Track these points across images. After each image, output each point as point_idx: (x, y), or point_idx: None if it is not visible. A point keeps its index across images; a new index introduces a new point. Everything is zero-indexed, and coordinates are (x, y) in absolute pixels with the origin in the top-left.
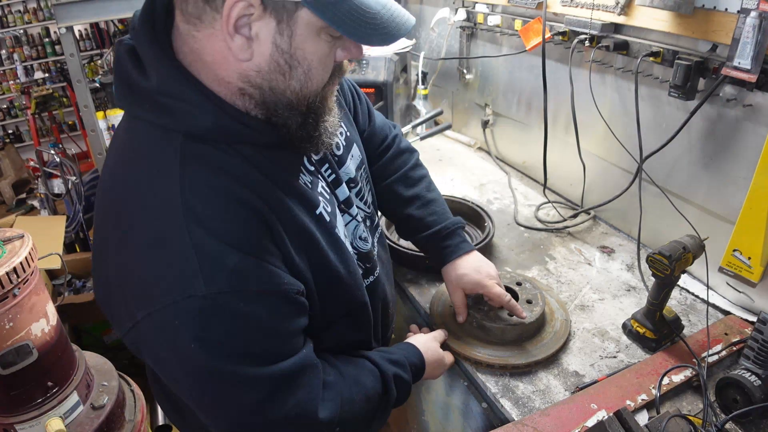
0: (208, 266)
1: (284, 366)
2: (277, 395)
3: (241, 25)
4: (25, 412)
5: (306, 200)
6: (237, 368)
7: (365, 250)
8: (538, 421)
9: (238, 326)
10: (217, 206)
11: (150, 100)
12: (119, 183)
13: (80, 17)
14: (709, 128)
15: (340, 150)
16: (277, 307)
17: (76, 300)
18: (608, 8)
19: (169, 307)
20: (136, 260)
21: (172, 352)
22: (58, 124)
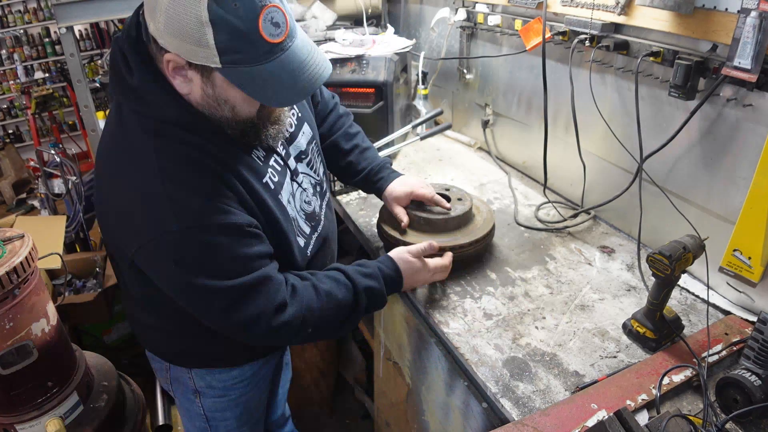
0: (178, 209)
1: (244, 279)
2: (240, 302)
3: (178, 71)
4: (25, 412)
5: (254, 171)
6: (206, 282)
7: (309, 211)
8: (538, 421)
9: (205, 252)
10: (181, 166)
11: (133, 93)
12: (111, 152)
13: (80, 17)
14: (709, 128)
15: (292, 128)
16: (235, 236)
17: (76, 300)
18: (608, 8)
19: (152, 241)
20: (125, 209)
21: (161, 273)
22: (59, 124)
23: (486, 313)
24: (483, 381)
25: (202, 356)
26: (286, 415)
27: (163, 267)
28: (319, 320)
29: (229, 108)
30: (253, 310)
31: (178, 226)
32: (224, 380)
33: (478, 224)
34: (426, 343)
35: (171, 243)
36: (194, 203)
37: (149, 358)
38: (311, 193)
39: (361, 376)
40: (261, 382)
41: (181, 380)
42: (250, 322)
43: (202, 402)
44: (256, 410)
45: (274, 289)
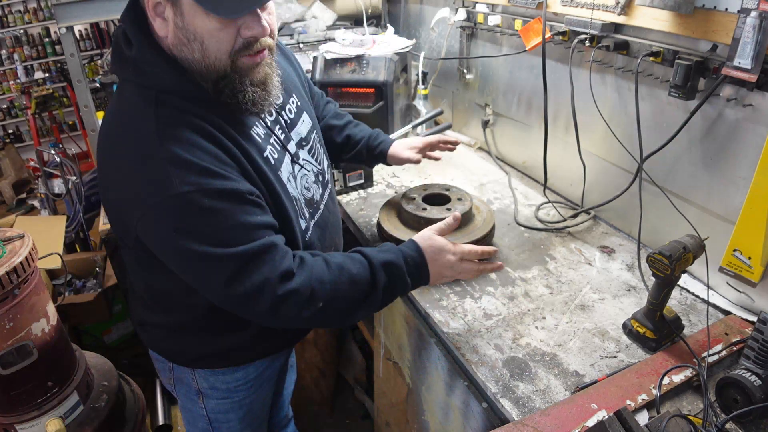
0: (178, 173)
1: (247, 247)
2: (243, 271)
3: (158, 11)
4: (25, 412)
5: (255, 144)
6: (207, 249)
7: (308, 197)
8: (538, 421)
9: (206, 217)
10: (182, 131)
11: (132, 65)
12: (115, 125)
13: (80, 17)
14: (709, 128)
15: (292, 114)
16: (235, 202)
17: (76, 300)
18: (608, 8)
19: (154, 207)
20: (128, 176)
21: (162, 240)
22: (59, 124)
23: (486, 313)
24: (483, 381)
25: (207, 354)
26: (289, 416)
27: (165, 235)
28: (332, 294)
29: (198, 45)
30: (256, 279)
31: (179, 190)
32: (228, 382)
33: (478, 224)
34: (426, 343)
35: (172, 208)
36: (194, 167)
37: (153, 359)
38: (312, 181)
39: (361, 376)
40: (265, 384)
41: (184, 381)
42: (254, 292)
43: (205, 403)
44: (260, 412)
45: (279, 256)
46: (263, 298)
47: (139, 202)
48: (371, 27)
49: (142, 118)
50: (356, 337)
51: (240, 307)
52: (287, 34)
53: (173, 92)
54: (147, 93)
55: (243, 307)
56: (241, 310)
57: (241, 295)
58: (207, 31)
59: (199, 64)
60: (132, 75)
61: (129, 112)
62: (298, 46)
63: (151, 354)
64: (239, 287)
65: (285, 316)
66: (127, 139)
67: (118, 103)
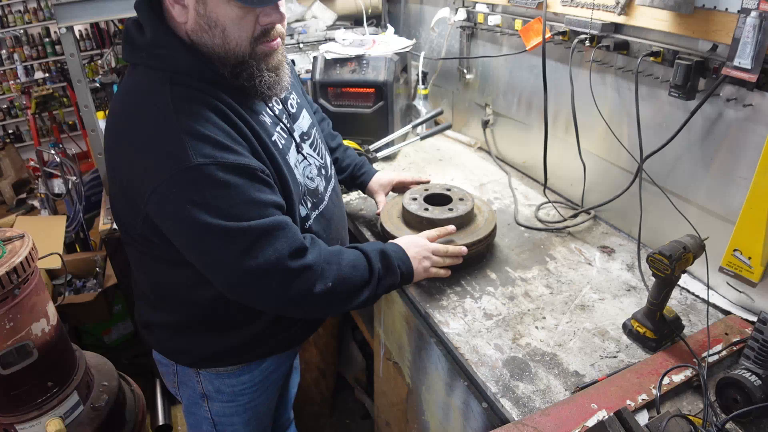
0: (194, 144)
1: (261, 222)
2: (257, 245)
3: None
4: (25, 412)
5: (264, 127)
6: (221, 222)
7: (312, 187)
8: (538, 421)
9: (220, 190)
10: (197, 107)
11: (146, 50)
12: (128, 104)
13: (80, 17)
14: (709, 128)
15: (294, 109)
16: (249, 178)
17: (76, 300)
18: (608, 8)
19: (167, 180)
20: (143, 149)
21: (175, 214)
22: (59, 124)
23: (486, 313)
24: (483, 381)
25: (213, 353)
26: (290, 418)
27: (179, 208)
28: (339, 276)
29: (220, 32)
30: (270, 253)
31: (194, 162)
32: (234, 385)
33: (479, 224)
34: (426, 343)
35: (186, 179)
36: (210, 141)
37: (157, 363)
38: (315, 173)
39: (361, 376)
40: (271, 387)
41: (189, 384)
42: (268, 267)
43: (210, 407)
44: (265, 416)
45: (292, 233)
46: (277, 273)
47: (153, 175)
48: (371, 27)
49: (157, 94)
50: (356, 337)
51: (250, 284)
52: (287, 34)
53: (187, 73)
54: (161, 74)
55: (254, 283)
56: (254, 288)
57: (254, 270)
58: (229, 19)
59: (219, 49)
60: (145, 59)
61: (143, 90)
62: (298, 46)
63: (156, 357)
64: (252, 261)
65: (298, 292)
66: (142, 114)
67: (129, 85)
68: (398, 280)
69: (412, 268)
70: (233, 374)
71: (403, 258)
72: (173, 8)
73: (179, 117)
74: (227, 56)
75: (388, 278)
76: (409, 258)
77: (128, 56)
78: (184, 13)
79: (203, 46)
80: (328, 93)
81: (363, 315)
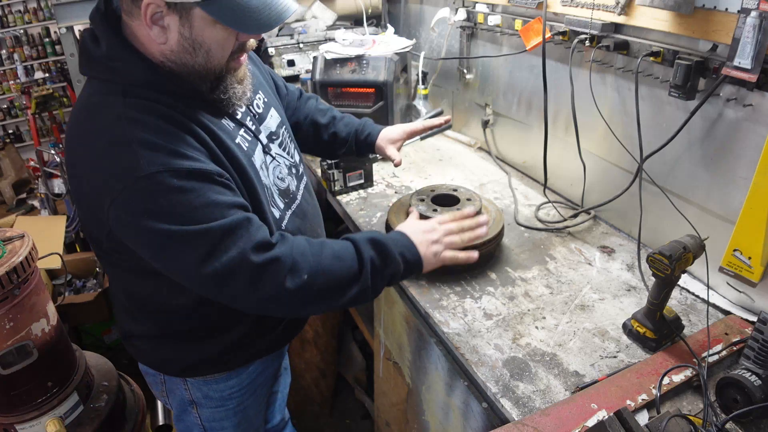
0: (146, 154)
1: (221, 222)
2: (218, 246)
3: (156, 19)
4: (25, 412)
5: (226, 131)
6: (180, 228)
7: (283, 187)
8: (538, 421)
9: (177, 197)
10: (149, 117)
11: (101, 63)
12: (81, 118)
13: (80, 17)
14: (709, 128)
15: (260, 109)
16: (205, 182)
17: (76, 300)
18: (608, 8)
19: (124, 192)
20: (97, 163)
21: (134, 225)
22: (59, 124)
23: (486, 313)
24: (483, 381)
25: (198, 361)
26: (285, 419)
27: (137, 218)
28: (316, 268)
29: (204, 53)
30: (233, 252)
31: (147, 171)
32: (221, 390)
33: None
34: (426, 343)
35: (141, 190)
36: (162, 149)
37: (144, 373)
38: (286, 173)
39: (361, 376)
40: (259, 389)
41: (176, 392)
42: (232, 266)
43: (199, 413)
44: (255, 418)
45: (254, 229)
46: (242, 272)
47: (109, 188)
48: (371, 27)
49: (108, 107)
50: (356, 337)
51: (219, 286)
52: (287, 34)
53: (142, 86)
54: (114, 87)
55: (222, 285)
56: (220, 289)
57: (218, 272)
58: (215, 41)
59: (200, 68)
60: (101, 73)
61: (95, 104)
62: (298, 46)
63: (141, 368)
64: (216, 263)
65: (267, 286)
66: (94, 127)
67: (83, 99)
68: (401, 268)
69: (420, 255)
70: (221, 379)
71: (406, 244)
72: (151, 29)
73: (130, 127)
74: (207, 74)
75: (388, 268)
76: (414, 243)
77: (84, 69)
78: (163, 35)
79: (182, 66)
80: (328, 93)
81: (363, 315)
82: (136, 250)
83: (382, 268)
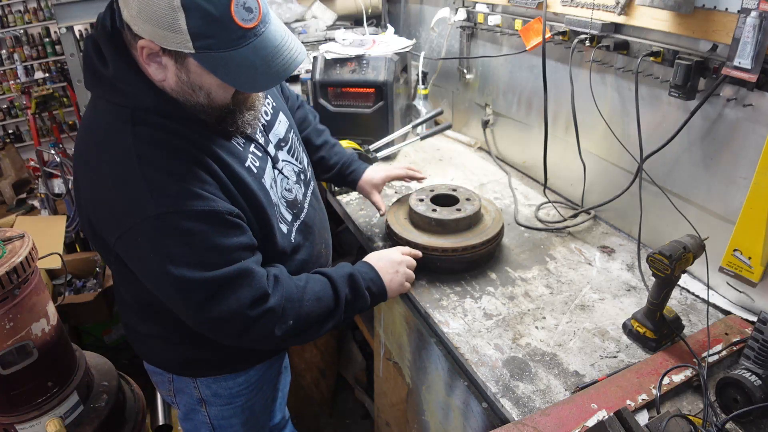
0: (156, 193)
1: (223, 272)
2: (217, 295)
3: (152, 58)
4: (25, 412)
5: (236, 155)
6: (183, 272)
7: (290, 198)
8: (538, 421)
9: (183, 239)
10: (160, 151)
11: (108, 84)
12: (89, 144)
13: (80, 17)
14: (709, 128)
15: (268, 116)
16: (213, 224)
17: (76, 300)
18: (608, 8)
19: (131, 229)
20: (105, 198)
21: (140, 263)
22: (59, 124)
23: (486, 313)
24: (483, 381)
25: (208, 363)
26: (285, 417)
27: (142, 256)
28: (299, 312)
29: (204, 94)
30: (232, 302)
31: (156, 211)
32: (230, 387)
33: (487, 224)
34: (426, 343)
35: (148, 230)
36: (172, 188)
37: (149, 372)
38: (293, 181)
39: (361, 376)
40: (266, 385)
41: (185, 391)
42: (228, 316)
43: (208, 411)
44: (262, 414)
45: (255, 281)
46: (236, 322)
47: (118, 225)
48: (371, 27)
49: (118, 137)
50: (356, 337)
51: (213, 330)
52: None
53: (150, 111)
54: (122, 111)
55: (216, 330)
56: (213, 333)
57: (213, 319)
58: (215, 86)
59: (204, 106)
60: (108, 94)
61: (104, 130)
62: None
63: (148, 368)
64: (213, 311)
65: (258, 335)
66: (103, 159)
67: (92, 119)
68: (368, 302)
69: (384, 286)
70: (229, 377)
71: (372, 278)
72: (149, 66)
73: (141, 163)
74: (212, 110)
75: (357, 302)
76: (380, 276)
77: (89, 86)
78: (162, 72)
79: (185, 101)
80: (328, 93)
81: (363, 315)
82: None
83: (354, 302)
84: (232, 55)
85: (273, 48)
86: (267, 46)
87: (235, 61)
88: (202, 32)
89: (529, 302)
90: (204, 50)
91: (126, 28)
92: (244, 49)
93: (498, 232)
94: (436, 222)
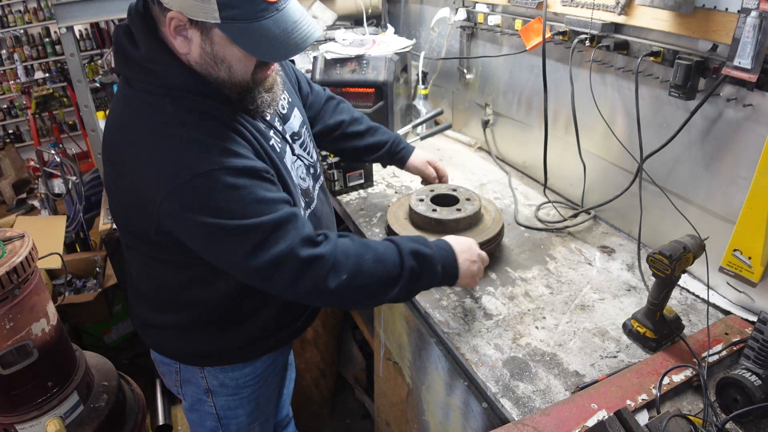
0: (201, 152)
1: (272, 216)
2: (268, 239)
3: (179, 30)
4: (26, 412)
5: (262, 133)
6: (233, 222)
7: (304, 187)
8: (538, 421)
9: (229, 193)
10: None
11: (139, 65)
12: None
13: (80, 17)
14: (709, 128)
15: (285, 110)
16: (255, 179)
17: (76, 300)
18: (608, 8)
19: (178, 189)
20: (150, 159)
21: (187, 219)
22: (59, 124)
23: (486, 313)
24: (483, 381)
25: (218, 352)
26: (289, 415)
27: (192, 214)
28: (357, 268)
29: (226, 68)
30: (282, 245)
31: (204, 168)
32: (237, 378)
33: (487, 224)
34: (426, 343)
35: (198, 187)
36: (215, 147)
37: (156, 362)
38: (305, 173)
39: (361, 376)
40: (271, 377)
41: (192, 381)
42: (280, 258)
43: (214, 401)
44: (267, 406)
45: (301, 224)
46: (288, 265)
47: (162, 184)
48: (371, 27)
49: (159, 107)
50: (356, 336)
51: (266, 277)
52: None
53: (183, 89)
54: (157, 90)
55: (269, 276)
56: (266, 280)
57: (267, 263)
58: (236, 58)
59: (224, 81)
60: (140, 75)
61: (144, 102)
62: None
63: (155, 357)
64: (266, 255)
65: (310, 283)
66: (146, 127)
67: (128, 99)
68: (438, 280)
69: (458, 272)
70: (237, 368)
71: (449, 258)
72: (175, 39)
73: (185, 129)
74: (232, 87)
75: (425, 279)
76: (456, 260)
77: (121, 69)
78: (187, 45)
79: (208, 76)
80: None
81: (363, 315)
82: (187, 243)
83: (419, 277)
84: (255, 26)
85: (292, 23)
86: (287, 20)
87: (258, 32)
88: (229, 3)
89: (529, 302)
90: (229, 20)
91: (155, 2)
92: (266, 21)
93: (498, 232)
94: (436, 222)
